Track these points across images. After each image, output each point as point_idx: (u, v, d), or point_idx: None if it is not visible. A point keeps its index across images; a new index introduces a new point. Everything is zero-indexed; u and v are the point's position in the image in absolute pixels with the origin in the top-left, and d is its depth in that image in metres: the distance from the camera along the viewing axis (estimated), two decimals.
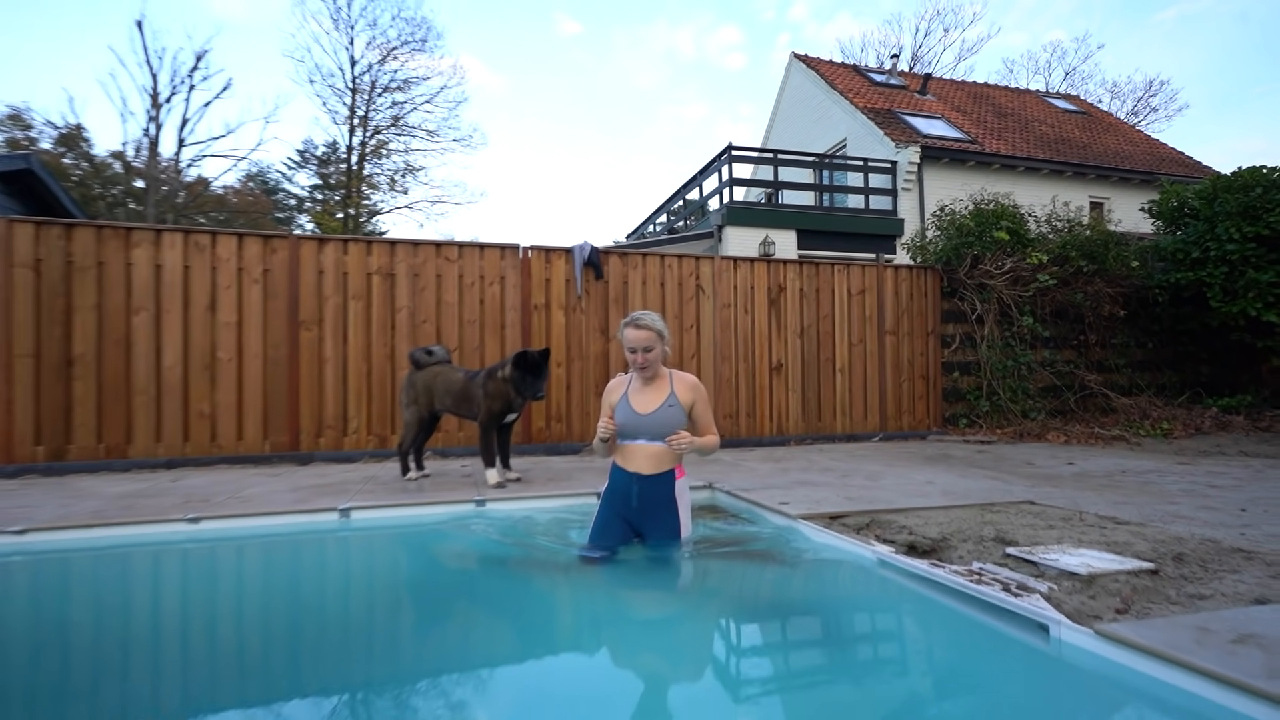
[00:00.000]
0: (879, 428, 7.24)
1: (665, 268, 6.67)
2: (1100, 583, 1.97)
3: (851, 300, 7.26)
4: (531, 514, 3.44)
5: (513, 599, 2.16)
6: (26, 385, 4.96)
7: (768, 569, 2.56)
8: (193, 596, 2.31)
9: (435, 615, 2.07)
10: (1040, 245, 7.65)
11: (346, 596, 2.32)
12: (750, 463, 5.19)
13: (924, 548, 2.53)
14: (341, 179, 23.82)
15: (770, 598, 2.22)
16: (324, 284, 5.67)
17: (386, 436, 5.72)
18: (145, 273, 5.24)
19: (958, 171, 12.40)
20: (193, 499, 3.63)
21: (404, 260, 5.89)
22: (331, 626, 1.96)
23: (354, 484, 4.18)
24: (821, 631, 1.91)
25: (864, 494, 3.59)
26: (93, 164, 20.48)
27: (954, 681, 1.61)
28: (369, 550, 2.99)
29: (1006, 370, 7.43)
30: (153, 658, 1.77)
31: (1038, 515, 2.99)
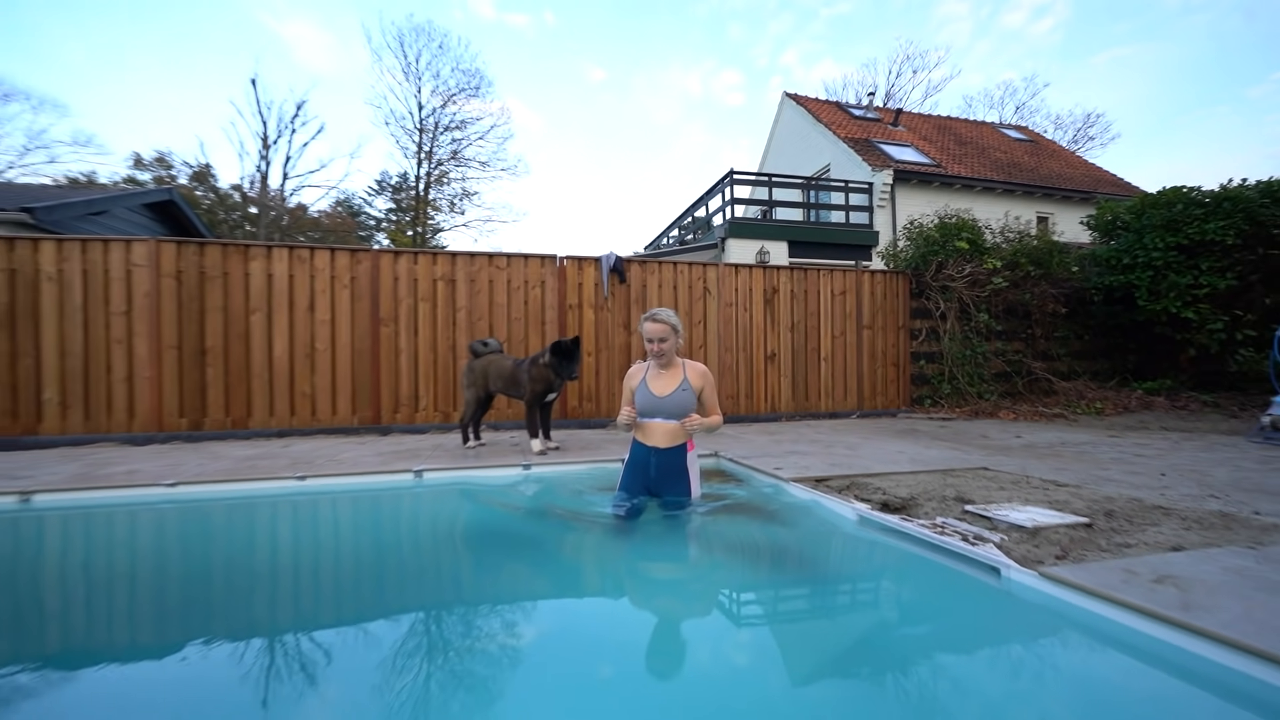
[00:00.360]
0: (857, 407, 7.18)
1: (678, 273, 6.64)
2: (1043, 534, 1.96)
3: (835, 300, 7.17)
4: (568, 476, 3.49)
5: (553, 542, 2.21)
6: (171, 371, 5.14)
7: (765, 523, 2.57)
8: (303, 538, 2.40)
9: (490, 555, 2.12)
10: (995, 253, 7.48)
11: (420, 540, 2.39)
12: (749, 436, 5.18)
13: (895, 505, 2.52)
14: (411, 203, 24.03)
15: (767, 546, 2.24)
16: (399, 289, 5.75)
17: (449, 413, 5.81)
18: (259, 281, 5.37)
19: (925, 191, 12.13)
20: (299, 461, 3.75)
21: (462, 269, 5.94)
22: (409, 562, 2.03)
23: (424, 450, 4.26)
24: (810, 574, 1.93)
25: (845, 461, 3.58)
26: (217, 194, 20.95)
27: (921, 614, 1.62)
28: (438, 503, 3.06)
29: (965, 359, 7.31)
30: (277, 584, 1.85)
31: (991, 479, 2.96)
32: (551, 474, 3.52)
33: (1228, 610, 1.29)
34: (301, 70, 30.04)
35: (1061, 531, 1.98)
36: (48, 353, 4.97)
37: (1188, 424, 5.60)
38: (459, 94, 23.68)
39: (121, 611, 1.61)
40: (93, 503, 2.74)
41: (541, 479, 3.47)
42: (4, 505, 2.63)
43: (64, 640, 1.37)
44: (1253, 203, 6.31)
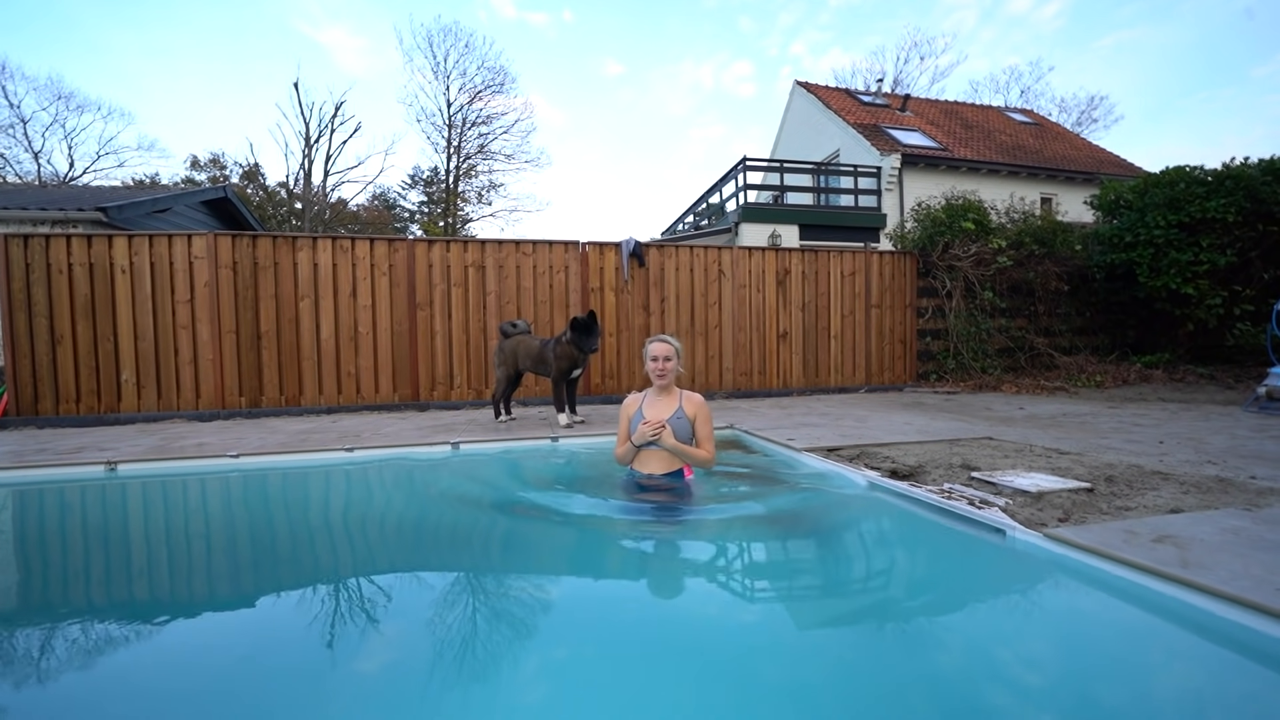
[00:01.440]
0: (865, 382, 7.10)
1: (694, 256, 6.57)
2: (1047, 498, 1.95)
3: (844, 280, 7.04)
4: (592, 447, 3.52)
5: (581, 504, 2.25)
6: (230, 353, 5.30)
7: (779, 490, 2.59)
8: (352, 504, 2.48)
9: (524, 524, 2.17)
10: (1000, 233, 7.24)
11: (459, 507, 2.45)
12: (762, 409, 5.18)
13: (904, 473, 2.51)
14: (442, 195, 24.05)
15: (783, 511, 2.25)
16: (433, 275, 5.80)
17: (482, 390, 5.90)
18: (306, 270, 5.47)
19: (932, 174, 11.72)
20: (347, 435, 3.86)
21: (491, 255, 5.96)
22: (448, 528, 2.09)
23: (460, 425, 4.34)
24: (823, 538, 1.93)
25: (854, 432, 3.57)
26: (266, 191, 21.24)
27: (929, 574, 1.63)
28: (475, 472, 3.13)
29: (970, 335, 7.15)
30: (330, 545, 1.93)
31: (996, 448, 2.93)
32: (578, 445, 3.56)
33: (1225, 568, 1.27)
34: (339, 73, 30.04)
35: (1064, 496, 1.96)
36: (124, 338, 5.16)
37: (1185, 395, 5.43)
38: (485, 90, 23.41)
39: (200, 568, 1.70)
40: (169, 472, 2.88)
41: (569, 450, 3.52)
42: (94, 474, 2.78)
43: (151, 593, 1.46)
44: (1255, 180, 5.98)
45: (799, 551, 1.77)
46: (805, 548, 1.80)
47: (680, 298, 6.52)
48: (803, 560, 1.69)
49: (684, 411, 2.31)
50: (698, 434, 2.30)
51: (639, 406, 2.35)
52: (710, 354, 6.62)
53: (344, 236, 5.67)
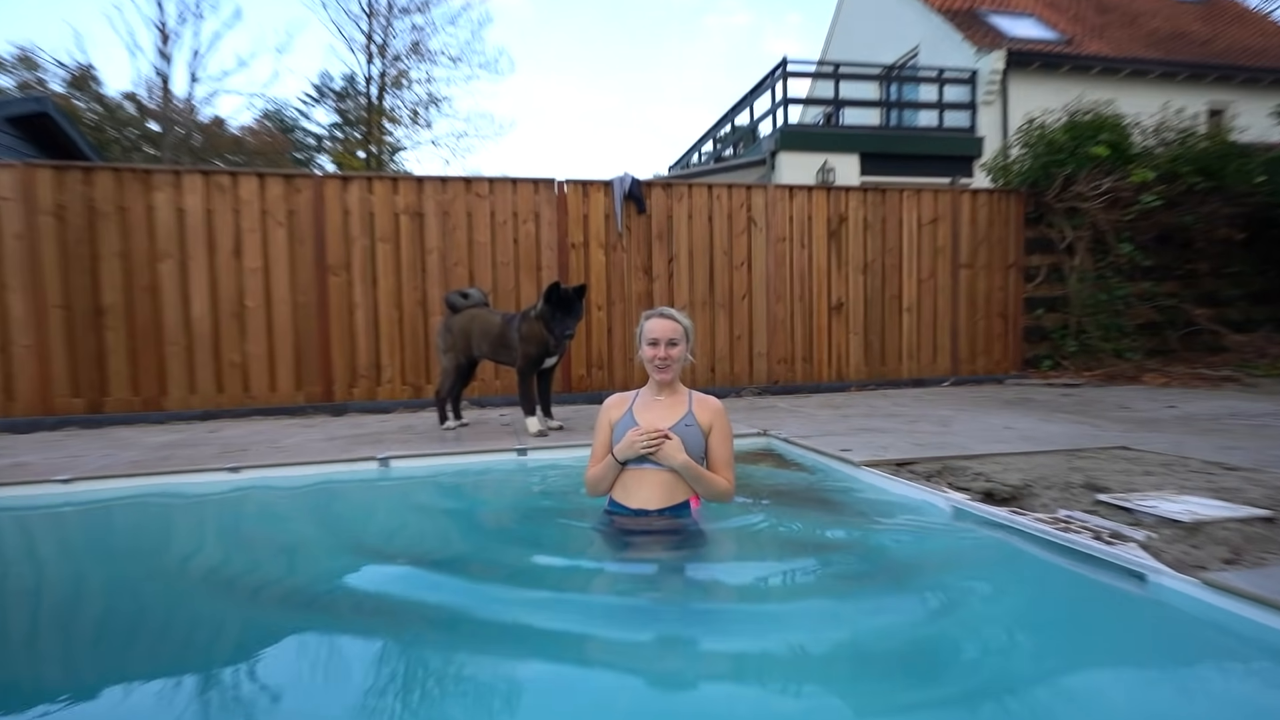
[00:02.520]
0: (950, 372, 7.07)
1: (713, 199, 6.52)
2: (1206, 531, 1.91)
3: (922, 231, 6.98)
4: (575, 464, 3.50)
5: (557, 552, 2.22)
6: (59, 336, 5.27)
7: (829, 520, 2.56)
8: (234, 544, 2.47)
9: (474, 562, 2.15)
10: (1145, 161, 7.14)
11: (386, 549, 2.43)
12: (807, 409, 5.16)
13: (1003, 495, 2.48)
14: (361, 114, 23.84)
15: (834, 550, 2.22)
16: (350, 226, 5.76)
17: (421, 386, 5.89)
18: (168, 217, 5.42)
19: (1049, 79, 11.55)
20: (231, 449, 3.84)
21: (432, 198, 5.91)
22: (374, 574, 2.07)
23: (390, 434, 4.33)
24: (892, 586, 1.89)
25: (934, 440, 3.55)
26: (105, 106, 20.97)
27: (1039, 635, 1.60)
28: (409, 500, 3.11)
29: (1099, 305, 7.10)
30: (200, 606, 1.91)
31: (1133, 461, 2.90)
32: (553, 462, 3.54)
33: None
34: None
35: (1231, 527, 1.93)
36: None
37: None
38: None
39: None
40: None
41: (542, 468, 3.50)
42: None
43: None
44: None
45: (856, 605, 1.74)
46: (864, 600, 1.78)
47: (695, 256, 6.48)
48: (862, 619, 1.66)
49: (695, 418, 2.21)
50: (712, 454, 2.21)
51: (627, 410, 2.26)
52: (736, 334, 6.59)
53: (222, 171, 5.61)
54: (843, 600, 1.76)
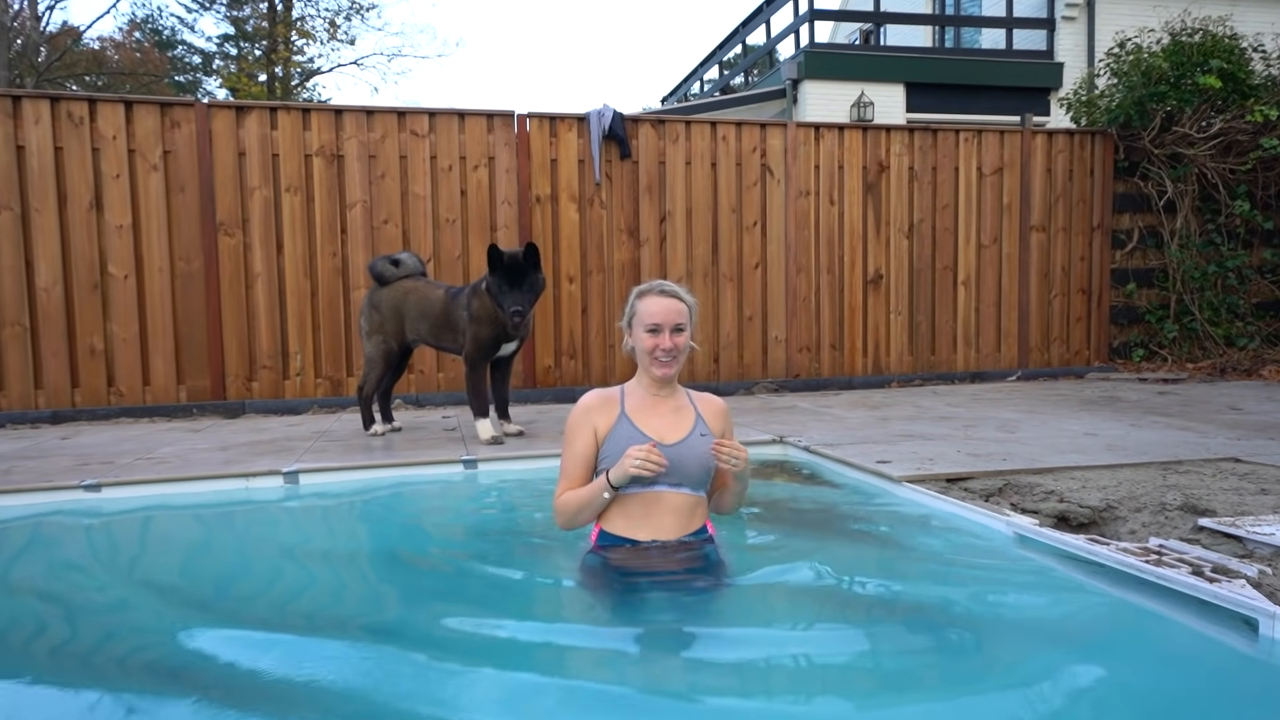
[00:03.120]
0: (1017, 363, 7.14)
1: (718, 141, 6.51)
2: None
3: (984, 183, 7.02)
4: (536, 478, 3.47)
5: (512, 592, 2.21)
6: None
7: (862, 548, 2.57)
8: (92, 582, 2.43)
9: (407, 606, 2.14)
10: (1269, 94, 7.21)
11: (292, 585, 2.41)
12: (836, 410, 5.19)
13: (1080, 519, 2.51)
14: (262, 25, 23.54)
15: (868, 586, 2.23)
16: (247, 170, 5.70)
17: (341, 380, 5.87)
18: (3, 157, 5.33)
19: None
20: (90, 461, 3.79)
21: (355, 136, 5.86)
22: (271, 623, 2.05)
23: (301, 440, 4.31)
24: (940, 631, 1.91)
25: (995, 449, 3.58)
26: None
27: (1126, 692, 1.62)
28: (323, 524, 3.10)
29: (1207, 279, 7.19)
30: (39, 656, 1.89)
31: (1244, 477, 2.94)
32: (510, 474, 3.53)
33: None
34: None
35: None
36: None
37: None
38: None
39: None
40: None
41: (494, 483, 3.49)
42: None
43: None
44: None
45: (895, 651, 1.76)
46: (906, 646, 1.79)
47: (695, 215, 6.48)
48: (902, 669, 1.68)
49: (704, 419, 2.24)
50: None
51: (619, 414, 2.22)
52: (747, 315, 6.61)
53: (76, 96, 5.52)
54: (875, 653, 1.77)
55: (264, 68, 23.40)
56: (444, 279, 5.97)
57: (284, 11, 23.12)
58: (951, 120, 10.12)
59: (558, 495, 2.23)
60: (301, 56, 24.15)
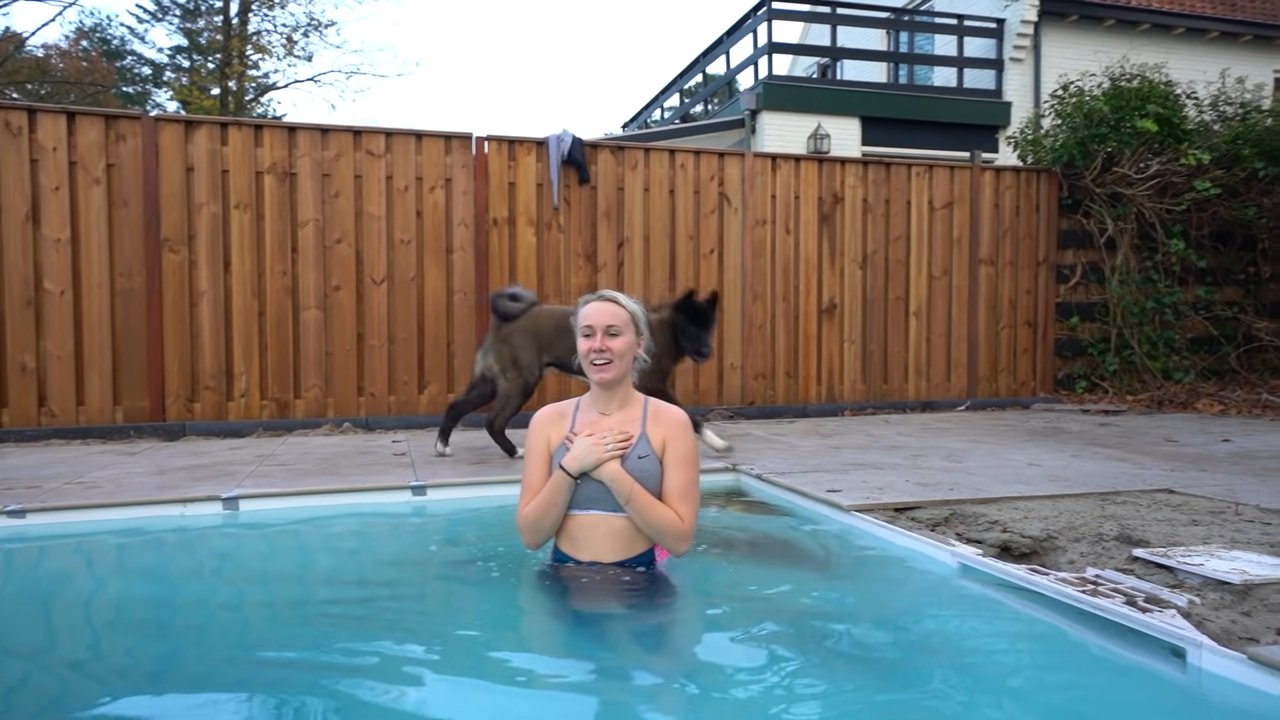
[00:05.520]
0: (966, 393, 7.29)
1: (677, 168, 6.59)
2: (1259, 595, 2.02)
3: (934, 216, 7.20)
4: (486, 505, 3.46)
5: (463, 623, 2.19)
6: None
7: (808, 577, 2.60)
8: (19, 619, 2.34)
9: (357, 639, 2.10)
10: (1201, 139, 7.55)
11: (234, 614, 2.35)
12: (790, 438, 5.24)
13: (1022, 549, 2.56)
14: (217, 39, 23.25)
15: (813, 616, 2.25)
16: (195, 186, 5.60)
17: (288, 402, 5.75)
18: None
19: (1090, 34, 12.11)
20: (16, 485, 3.67)
21: (308, 154, 5.80)
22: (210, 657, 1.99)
23: (243, 465, 4.22)
24: (883, 662, 1.95)
25: (943, 479, 3.65)
26: None
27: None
28: (262, 553, 3.02)
29: (1145, 315, 7.44)
30: None
31: (1177, 508, 3.03)
32: (460, 502, 3.52)
33: None
34: None
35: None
36: None
37: None
38: None
39: None
40: None
41: (443, 511, 3.45)
42: None
43: None
44: None
45: (838, 684, 1.77)
46: (848, 679, 1.81)
47: (652, 241, 6.54)
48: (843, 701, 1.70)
49: (649, 438, 2.21)
50: (668, 483, 2.20)
51: (569, 426, 2.27)
52: None
53: (14, 105, 5.39)
54: (821, 679, 1.79)
55: (217, 81, 23.09)
56: (398, 301, 5.93)
57: (239, 25, 22.90)
58: (904, 154, 10.39)
59: (520, 510, 2.24)
60: (257, 71, 23.90)
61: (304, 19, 23.61)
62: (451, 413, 4.67)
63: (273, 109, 25.66)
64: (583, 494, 2.17)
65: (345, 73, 27.82)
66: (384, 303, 5.93)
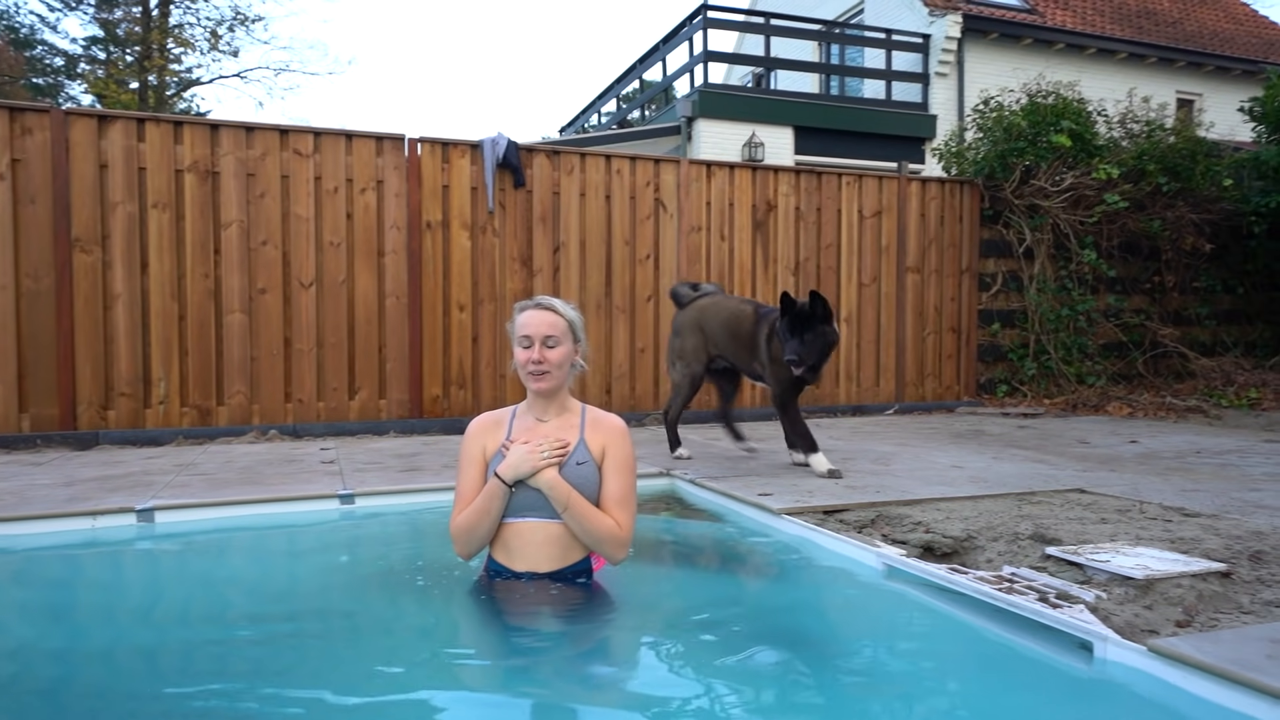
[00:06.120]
0: (894, 397, 7.48)
1: (613, 174, 6.60)
2: (1160, 589, 2.12)
3: (864, 225, 7.38)
4: (418, 513, 3.42)
5: (395, 637, 2.15)
6: None
7: (739, 580, 2.63)
8: None
9: (280, 657, 2.04)
10: (1110, 155, 7.92)
11: (144, 634, 2.27)
12: (724, 443, 5.28)
13: (944, 549, 2.65)
14: (135, 30, 22.34)
15: (743, 618, 2.29)
16: (109, 184, 5.37)
17: (210, 409, 5.56)
18: None
19: (1009, 52, 12.61)
20: None
21: (232, 153, 5.62)
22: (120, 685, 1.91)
23: (160, 474, 4.07)
24: (810, 661, 1.99)
25: (870, 481, 3.74)
26: None
27: (975, 717, 1.71)
28: (181, 567, 2.92)
29: (1060, 321, 7.76)
30: None
31: (1088, 506, 3.17)
32: (391, 510, 3.47)
33: None
34: None
35: (1186, 584, 2.15)
36: None
37: None
38: None
39: None
40: None
41: (373, 520, 3.39)
42: None
43: None
44: None
45: (764, 685, 1.80)
46: (774, 679, 1.84)
47: (589, 246, 6.53)
48: (769, 700, 1.72)
49: (588, 445, 2.21)
50: (606, 490, 2.20)
51: (505, 434, 2.24)
52: (640, 346, 6.68)
53: None
54: (752, 684, 1.81)
55: (136, 75, 22.18)
56: (328, 304, 5.79)
57: (160, 17, 22.06)
58: (836, 164, 10.62)
59: (453, 519, 2.20)
60: (179, 65, 23.06)
61: (229, 13, 22.89)
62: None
63: (196, 105, 24.80)
64: (518, 502, 2.15)
65: (274, 69, 26.99)
66: (313, 306, 5.78)
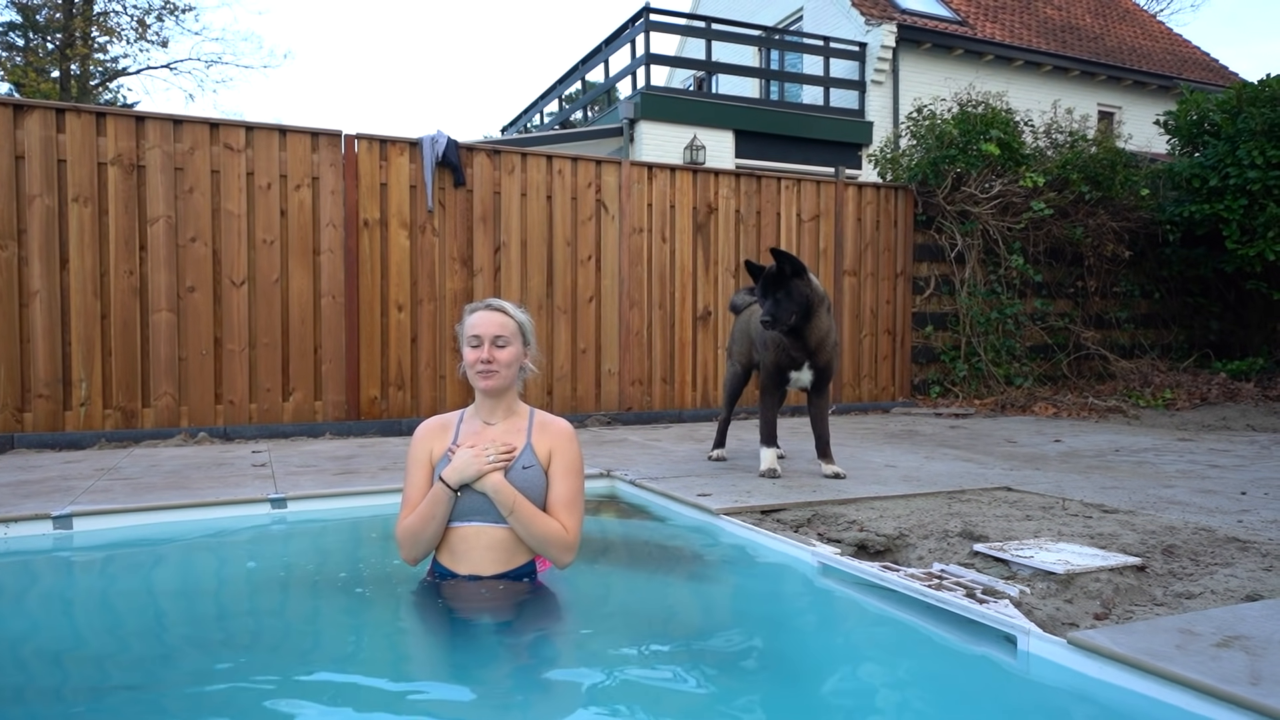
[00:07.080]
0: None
1: (554, 174, 6.56)
2: (1079, 583, 2.20)
3: (802, 228, 7.49)
4: (352, 517, 3.36)
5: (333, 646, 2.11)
6: None
7: (678, 580, 2.64)
8: None
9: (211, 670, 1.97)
10: (1036, 163, 8.21)
11: (60, 650, 2.16)
12: (665, 443, 5.31)
13: (877, 547, 2.71)
14: (57, 17, 21.38)
15: (681, 618, 2.30)
16: (25, 177, 5.12)
17: (135, 410, 5.34)
18: None
19: (941, 62, 12.96)
20: None
21: (159, 146, 5.41)
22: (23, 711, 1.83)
23: (81, 479, 3.90)
24: (746, 659, 2.01)
25: (807, 481, 3.80)
26: None
27: (904, 711, 1.75)
28: (102, 577, 2.80)
29: (990, 324, 8.01)
30: None
31: (1014, 504, 3.28)
32: (325, 515, 3.39)
33: None
34: None
35: (1104, 578, 2.23)
36: None
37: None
38: None
39: None
40: None
41: (306, 526, 3.30)
42: None
43: None
44: None
45: (703, 683, 1.81)
46: (712, 678, 1.85)
47: (530, 246, 6.48)
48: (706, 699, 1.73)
49: (534, 449, 2.21)
50: (553, 493, 2.20)
51: (453, 441, 2.21)
52: (581, 347, 6.66)
53: None
54: (692, 683, 1.81)
55: (57, 63, 21.23)
56: (260, 304, 5.62)
57: (84, 4, 21.17)
58: (775, 168, 10.77)
59: (399, 523, 2.18)
60: (104, 55, 22.16)
61: (158, 2, 22.09)
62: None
63: (123, 96, 23.88)
64: (463, 506, 2.13)
65: (205, 61, 26.16)
66: (245, 305, 5.61)
